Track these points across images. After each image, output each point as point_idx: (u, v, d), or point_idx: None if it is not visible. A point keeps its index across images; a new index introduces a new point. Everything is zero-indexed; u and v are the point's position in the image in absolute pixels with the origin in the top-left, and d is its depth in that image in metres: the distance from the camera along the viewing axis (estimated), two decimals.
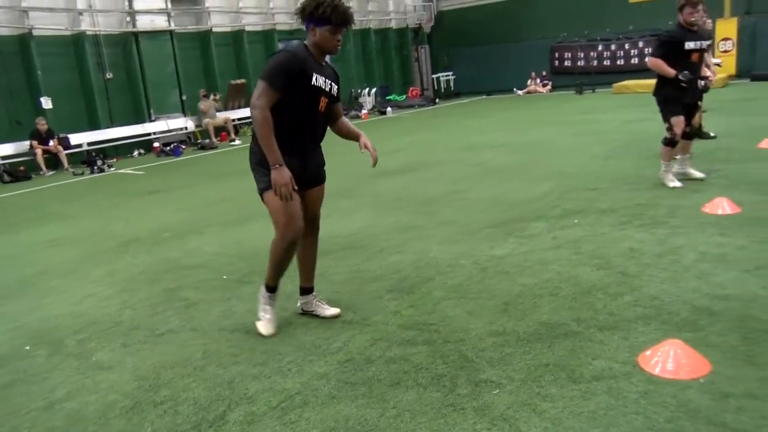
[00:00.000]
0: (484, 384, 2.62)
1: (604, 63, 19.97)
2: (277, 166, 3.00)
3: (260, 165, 3.16)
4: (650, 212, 4.98)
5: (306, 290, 3.57)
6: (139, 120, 14.88)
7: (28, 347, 3.57)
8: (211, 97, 15.40)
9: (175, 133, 15.10)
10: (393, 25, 22.95)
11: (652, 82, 6.14)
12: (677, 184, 5.68)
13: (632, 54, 19.50)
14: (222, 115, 15.44)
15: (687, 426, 2.20)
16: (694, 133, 5.91)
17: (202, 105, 15.00)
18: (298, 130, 3.16)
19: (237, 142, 14.73)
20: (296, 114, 3.14)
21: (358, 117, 18.42)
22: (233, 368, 3.02)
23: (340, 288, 4.00)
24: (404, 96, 22.06)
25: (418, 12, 23.58)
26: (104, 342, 3.53)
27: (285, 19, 18.83)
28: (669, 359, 2.59)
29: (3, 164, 12.56)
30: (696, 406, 2.32)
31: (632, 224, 4.73)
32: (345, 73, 20.61)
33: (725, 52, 17.74)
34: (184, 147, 14.31)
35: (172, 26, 15.76)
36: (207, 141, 14.50)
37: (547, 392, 2.51)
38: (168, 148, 13.87)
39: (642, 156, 7.45)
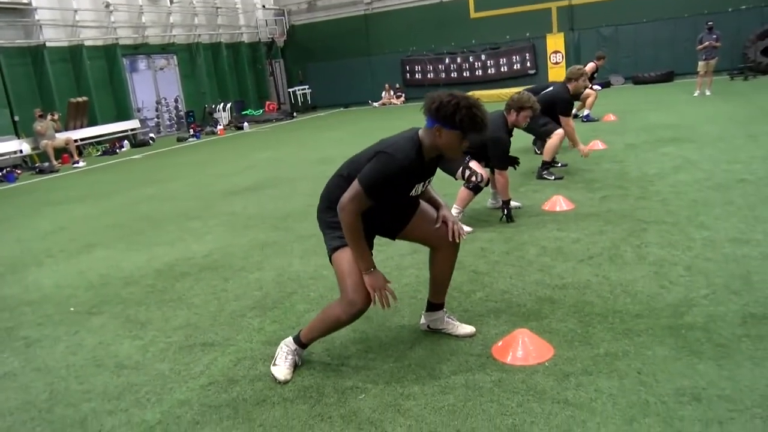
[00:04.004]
0: (350, 391, 2.66)
1: (452, 75, 21.07)
2: (371, 270, 2.68)
3: (329, 227, 2.86)
4: (496, 213, 5.33)
5: (434, 306, 3.16)
6: None
7: None
8: (49, 116, 14.19)
9: (7, 157, 13.72)
10: (245, 39, 22.62)
11: (497, 92, 6.47)
12: (467, 229, 4.89)
13: (476, 66, 20.77)
14: (62, 136, 14.27)
15: (535, 407, 2.39)
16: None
17: (39, 126, 13.77)
18: (375, 223, 2.83)
19: (81, 164, 13.69)
20: (373, 210, 2.72)
21: (214, 133, 17.90)
22: (85, 405, 2.81)
23: (199, 310, 3.86)
24: (261, 110, 21.81)
25: (270, 26, 23.43)
26: None
27: (129, 34, 17.87)
28: (518, 347, 2.80)
29: None
30: (542, 387, 2.52)
31: (481, 225, 5.04)
32: (197, 88, 20.01)
33: (556, 63, 19.49)
34: (19, 172, 13.05)
35: None
36: (46, 164, 13.34)
37: (409, 391, 2.60)
38: (0, 173, 12.59)
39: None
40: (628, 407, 2.33)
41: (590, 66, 10.79)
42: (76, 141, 14.67)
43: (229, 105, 20.07)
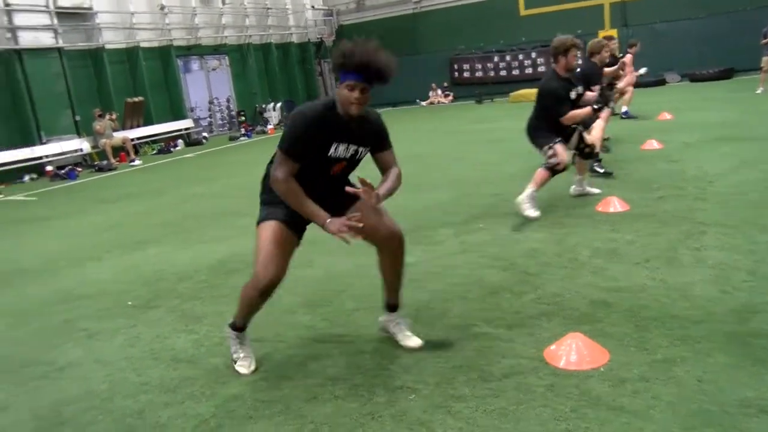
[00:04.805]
0: (400, 390, 2.66)
1: (501, 73, 20.82)
2: (328, 221, 2.71)
3: (264, 203, 2.96)
4: (548, 214, 5.24)
5: (388, 306, 3.16)
6: (28, 143, 13.94)
7: None
8: (107, 116, 14.70)
9: (69, 155, 14.27)
10: (294, 39, 22.90)
11: None
12: (535, 214, 5.10)
13: (526, 64, 20.48)
14: (120, 135, 14.76)
15: (590, 413, 2.34)
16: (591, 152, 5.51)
17: (98, 125, 14.28)
18: (306, 190, 2.77)
19: (137, 162, 14.13)
20: (300, 177, 2.75)
21: (264, 132, 18.20)
22: (142, 397, 2.89)
23: None
24: None
25: (319, 26, 23.67)
26: None
27: (182, 35, 18.33)
28: (572, 352, 2.74)
29: None
30: (597, 393, 2.46)
31: (532, 226, 4.97)
32: (248, 88, 20.38)
33: None
34: (80, 170, 13.55)
35: (60, 43, 14.94)
36: (105, 162, 13.81)
37: (460, 393, 2.58)
38: (62, 171, 13.09)
39: (537, 161, 7.81)
40: (688, 416, 2.25)
41: (628, 57, 10.48)
42: (132, 140, 15.15)
43: (278, 104, 20.36)
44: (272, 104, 20.24)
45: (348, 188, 2.73)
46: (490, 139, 10.64)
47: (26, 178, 13.42)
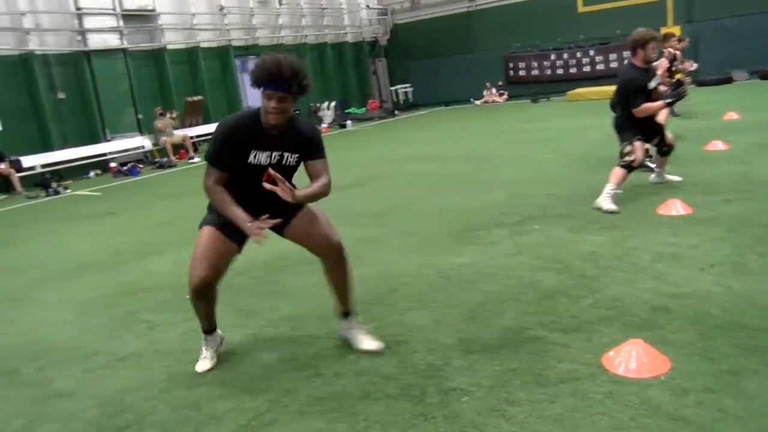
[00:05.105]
0: (452, 392, 2.64)
1: (557, 72, 20.40)
2: (248, 224, 2.82)
3: (208, 209, 3.13)
4: (606, 216, 5.10)
5: (341, 314, 3.27)
6: (94, 140, 14.53)
7: None
8: (168, 114, 15.17)
9: (131, 152, 14.81)
10: (349, 38, 23.07)
11: (604, 89, 6.46)
12: (614, 207, 5.19)
13: (584, 62, 19.99)
14: (179, 133, 15.21)
15: (650, 423, 2.26)
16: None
17: (159, 123, 14.76)
18: (241, 202, 2.90)
19: (196, 159, 14.53)
20: (232, 188, 2.93)
21: None
22: (199, 389, 2.96)
23: (304, 302, 3.98)
24: (363, 109, 22.15)
25: (373, 26, 23.76)
26: (63, 369, 3.43)
27: (240, 35, 18.73)
28: (631, 359, 2.66)
29: None
30: (658, 403, 2.38)
31: (589, 228, 4.85)
32: None
33: None
34: (141, 166, 14.04)
35: (125, 44, 15.50)
36: (165, 159, 14.26)
37: (514, 397, 2.54)
38: (125, 167, 13.59)
39: (594, 161, 7.65)
40: None
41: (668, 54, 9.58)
42: (191, 138, 15.58)
43: (332, 103, 20.55)
44: (326, 103, 20.44)
45: (265, 184, 2.79)
46: (545, 138, 10.45)
47: (91, 173, 14.00)
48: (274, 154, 2.92)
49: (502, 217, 5.53)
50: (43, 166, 13.42)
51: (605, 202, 5.24)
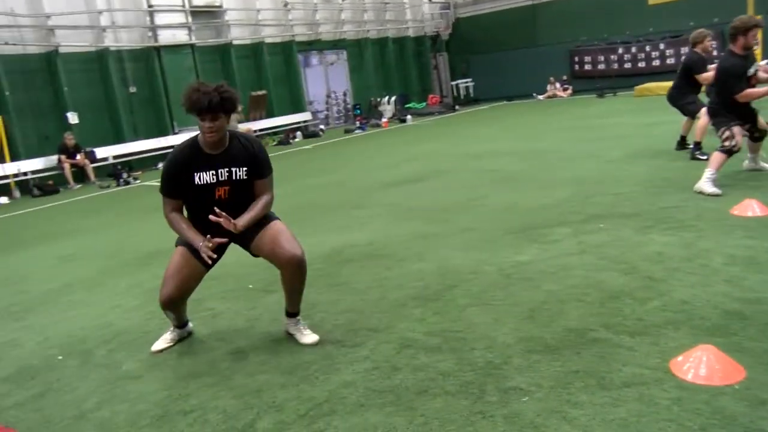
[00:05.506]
0: (512, 391, 2.60)
1: (625, 66, 19.76)
2: (200, 244, 3.12)
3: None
4: (676, 216, 4.91)
5: (288, 313, 3.49)
6: (163, 133, 15.09)
7: (60, 357, 3.63)
8: None
9: None
10: (411, 33, 23.03)
11: None
12: (717, 191, 5.32)
13: (653, 56, 19.28)
14: (244, 126, 15.57)
15: None
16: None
17: None
18: (203, 221, 3.15)
19: None
20: (194, 209, 3.29)
21: (378, 125, 18.47)
22: (260, 377, 3.03)
23: (363, 296, 4.01)
24: (424, 103, 22.08)
25: (435, 20, 23.64)
26: (132, 352, 3.57)
27: (304, 31, 19.00)
28: (701, 365, 2.55)
29: (32, 178, 12.82)
30: (731, 413, 2.27)
31: (657, 228, 4.67)
32: (364, 82, 20.76)
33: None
34: None
35: (193, 40, 15.99)
36: None
37: (576, 399, 2.48)
38: None
39: (663, 159, 7.37)
40: None
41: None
42: (255, 131, 15.93)
43: (393, 98, 20.58)
44: (387, 98, 20.49)
45: (211, 216, 3.05)
46: (612, 135, 10.13)
47: (160, 165, 14.49)
48: (220, 171, 3.18)
49: (565, 215, 5.40)
50: (115, 157, 14.04)
51: (707, 185, 5.35)
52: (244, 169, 3.21)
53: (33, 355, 3.74)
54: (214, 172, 3.17)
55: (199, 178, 3.16)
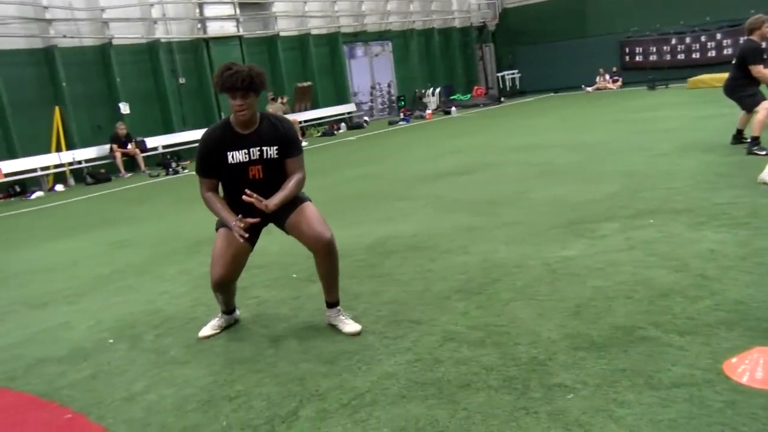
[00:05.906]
0: (557, 388, 2.56)
1: (678, 57, 19.18)
2: (233, 223, 3.17)
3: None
4: (730, 212, 4.74)
5: (328, 304, 3.52)
6: (210, 123, 15.31)
7: (111, 340, 3.75)
8: (279, 100, 15.74)
9: None
10: (457, 24, 22.83)
11: None
12: None
13: (709, 47, 18.65)
14: (290, 118, 15.75)
15: None
16: None
17: (270, 108, 15.33)
18: (239, 203, 3.19)
19: (304, 143, 14.96)
20: (230, 189, 3.35)
21: (422, 117, 18.40)
22: (303, 365, 3.06)
23: (406, 288, 4.01)
24: (468, 95, 21.89)
25: (482, 10, 23.36)
26: (180, 337, 3.66)
27: (349, 22, 19.03)
28: (758, 367, 2.45)
29: (86, 167, 13.27)
30: None
31: (710, 225, 4.51)
32: (409, 73, 20.70)
33: None
34: None
35: (241, 32, 16.21)
36: None
37: (623, 398, 2.42)
38: None
39: (716, 154, 7.11)
40: None
41: None
42: (300, 122, 16.08)
43: (437, 89, 20.46)
44: (431, 89, 20.38)
45: (244, 197, 3.10)
46: (663, 128, 9.84)
47: None
48: (252, 150, 3.24)
49: (613, 210, 5.28)
50: (165, 146, 14.39)
51: None
52: (275, 147, 3.27)
53: (85, 337, 3.87)
54: (246, 151, 3.24)
55: (232, 156, 3.22)
